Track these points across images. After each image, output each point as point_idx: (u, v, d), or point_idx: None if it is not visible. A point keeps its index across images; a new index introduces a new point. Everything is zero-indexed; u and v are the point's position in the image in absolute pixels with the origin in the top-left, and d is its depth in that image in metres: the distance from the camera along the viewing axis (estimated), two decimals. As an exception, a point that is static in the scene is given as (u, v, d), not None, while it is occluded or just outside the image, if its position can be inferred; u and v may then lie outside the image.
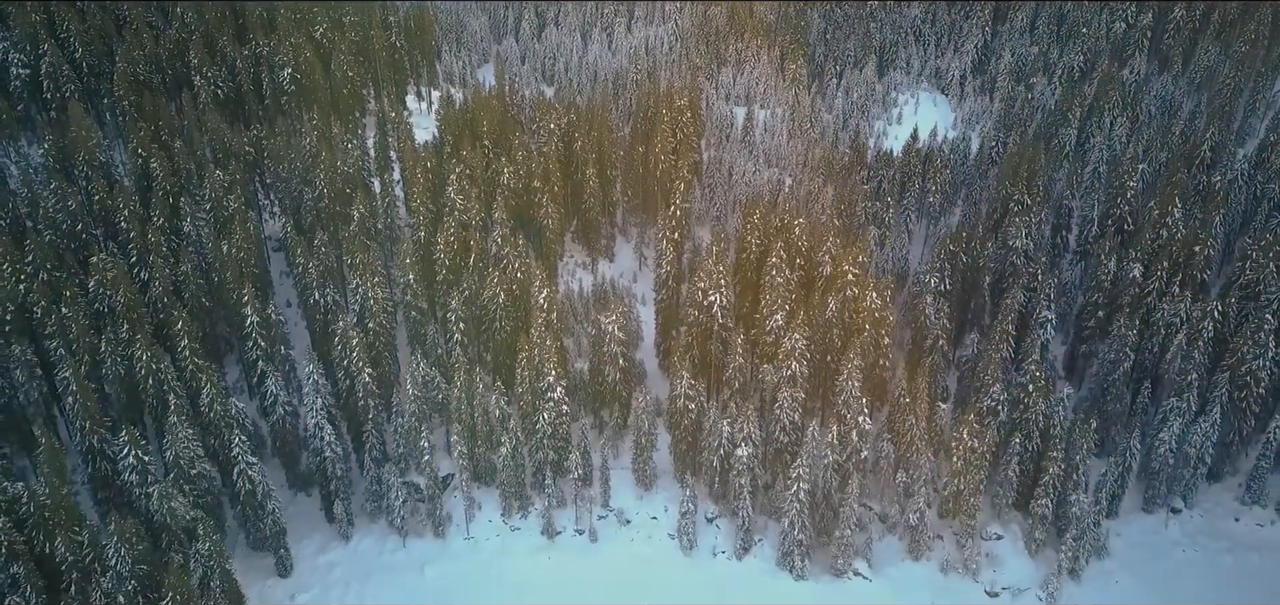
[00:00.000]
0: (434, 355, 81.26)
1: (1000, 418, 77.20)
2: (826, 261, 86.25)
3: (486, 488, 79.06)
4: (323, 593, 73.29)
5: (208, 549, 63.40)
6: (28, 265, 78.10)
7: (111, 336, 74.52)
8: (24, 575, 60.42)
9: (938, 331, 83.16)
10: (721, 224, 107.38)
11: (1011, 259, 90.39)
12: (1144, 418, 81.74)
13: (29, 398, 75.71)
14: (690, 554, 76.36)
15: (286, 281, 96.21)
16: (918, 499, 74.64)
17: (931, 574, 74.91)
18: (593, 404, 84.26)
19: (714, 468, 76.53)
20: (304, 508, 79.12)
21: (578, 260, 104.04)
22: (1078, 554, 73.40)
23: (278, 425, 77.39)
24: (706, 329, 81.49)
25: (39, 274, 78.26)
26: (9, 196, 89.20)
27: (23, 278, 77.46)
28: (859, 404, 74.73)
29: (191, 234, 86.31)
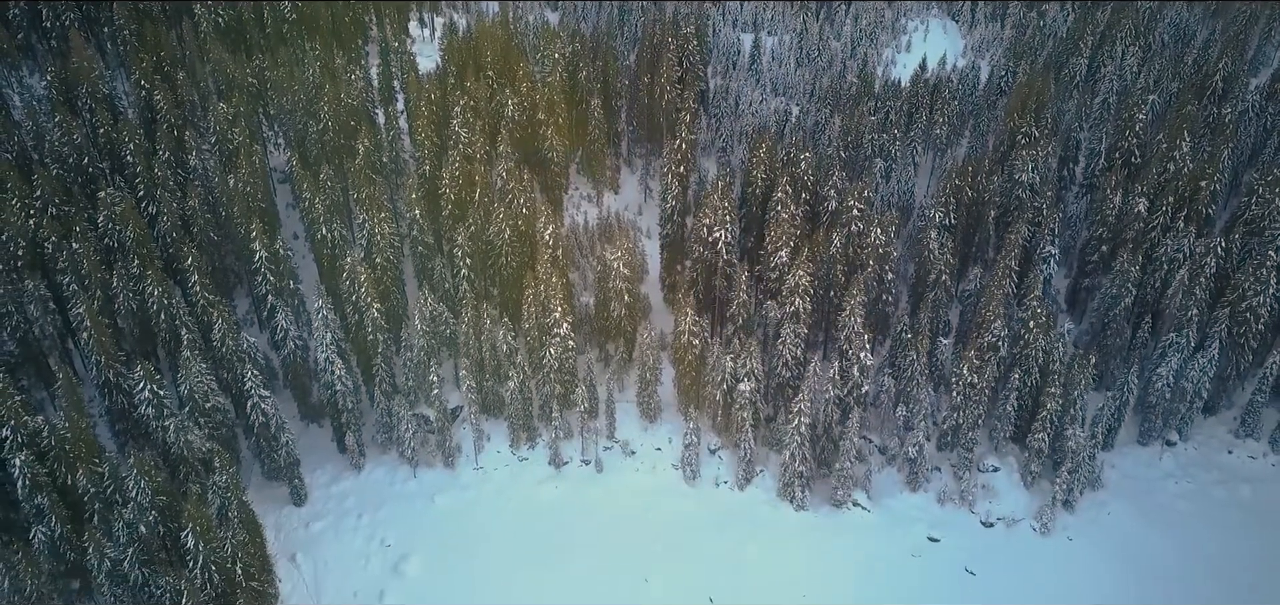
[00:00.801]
0: (441, 290, 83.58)
1: (1000, 353, 79.44)
2: (832, 196, 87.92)
3: (495, 419, 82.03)
4: (336, 521, 76.69)
5: (225, 481, 66.39)
6: (36, 200, 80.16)
7: (123, 271, 76.77)
8: (48, 506, 63.62)
9: (941, 267, 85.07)
10: (727, 155, 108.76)
11: (1017, 193, 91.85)
12: (1143, 352, 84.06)
13: (44, 332, 78.45)
14: (693, 484, 79.53)
15: (293, 214, 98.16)
16: (917, 432, 77.43)
17: (928, 505, 78.06)
18: (598, 338, 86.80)
19: (717, 402, 79.26)
20: (316, 438, 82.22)
21: (583, 192, 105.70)
22: (1072, 486, 76.44)
23: (289, 359, 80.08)
24: (711, 265, 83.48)
25: (47, 209, 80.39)
26: (14, 128, 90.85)
27: (32, 212, 79.61)
28: (861, 340, 77.02)
29: (198, 168, 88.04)
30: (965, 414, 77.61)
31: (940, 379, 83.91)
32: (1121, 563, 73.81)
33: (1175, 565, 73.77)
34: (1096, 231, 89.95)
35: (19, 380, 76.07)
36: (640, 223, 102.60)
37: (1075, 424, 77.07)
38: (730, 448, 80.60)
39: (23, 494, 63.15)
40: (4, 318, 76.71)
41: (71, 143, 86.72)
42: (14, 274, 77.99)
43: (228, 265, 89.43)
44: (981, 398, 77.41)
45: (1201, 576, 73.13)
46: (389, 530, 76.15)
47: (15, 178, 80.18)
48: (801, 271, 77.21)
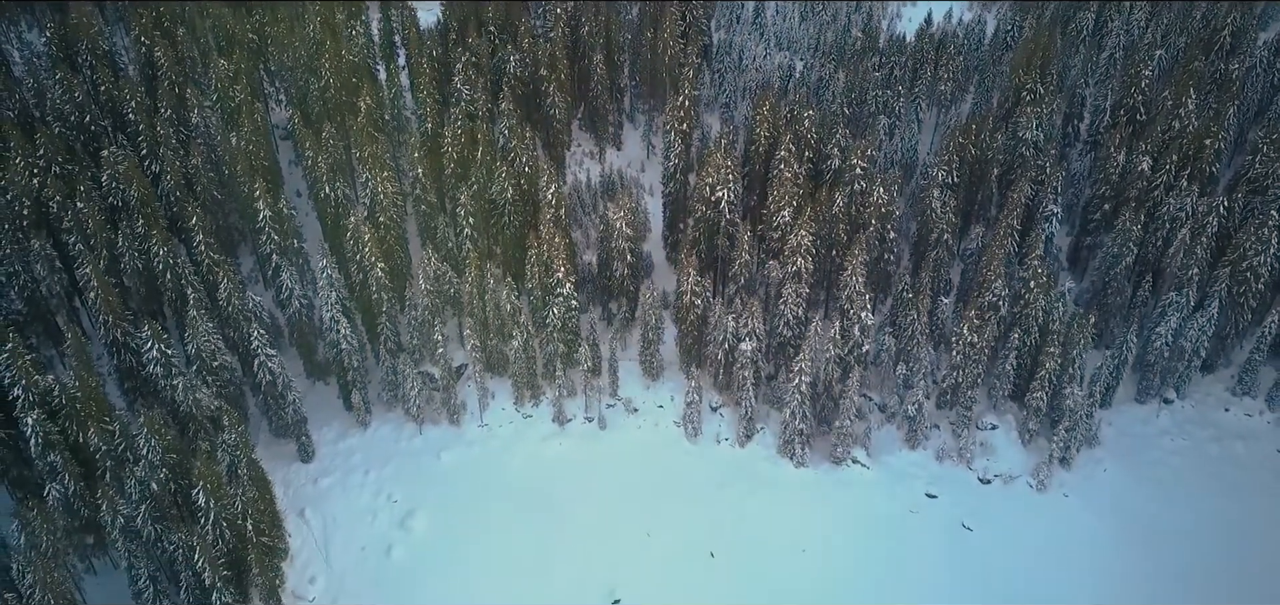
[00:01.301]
0: (444, 249, 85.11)
1: (1001, 313, 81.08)
2: (835, 154, 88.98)
3: (499, 378, 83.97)
4: (344, 477, 78.94)
5: (234, 439, 68.41)
6: (39, 158, 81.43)
7: (127, 231, 78.31)
8: (61, 464, 65.74)
9: (943, 226, 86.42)
10: (731, 110, 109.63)
11: (1021, 151, 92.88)
12: (1143, 311, 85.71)
13: (50, 291, 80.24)
14: (695, 441, 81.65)
15: (295, 171, 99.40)
16: (917, 391, 79.34)
17: (927, 462, 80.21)
18: (601, 297, 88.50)
19: (719, 361, 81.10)
20: (322, 396, 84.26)
21: (585, 149, 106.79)
22: (1069, 444, 78.48)
23: (294, 318, 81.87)
24: (714, 224, 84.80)
25: (51, 167, 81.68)
26: (14, 85, 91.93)
27: (36, 171, 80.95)
28: (862, 299, 78.56)
29: (200, 126, 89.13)
30: (965, 373, 79.44)
31: (941, 338, 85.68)
32: (1116, 519, 76.12)
33: (1169, 521, 76.03)
34: (1099, 190, 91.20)
35: (27, 339, 77.75)
36: (643, 179, 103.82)
37: (1074, 383, 78.97)
38: (731, 406, 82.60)
39: (36, 452, 65.18)
40: (11, 277, 78.46)
41: (73, 100, 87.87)
42: (19, 233, 79.57)
43: (232, 223, 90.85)
44: (981, 357, 79.18)
45: (1195, 532, 75.40)
46: (395, 486, 78.42)
47: (18, 136, 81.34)
48: (804, 231, 78.55)
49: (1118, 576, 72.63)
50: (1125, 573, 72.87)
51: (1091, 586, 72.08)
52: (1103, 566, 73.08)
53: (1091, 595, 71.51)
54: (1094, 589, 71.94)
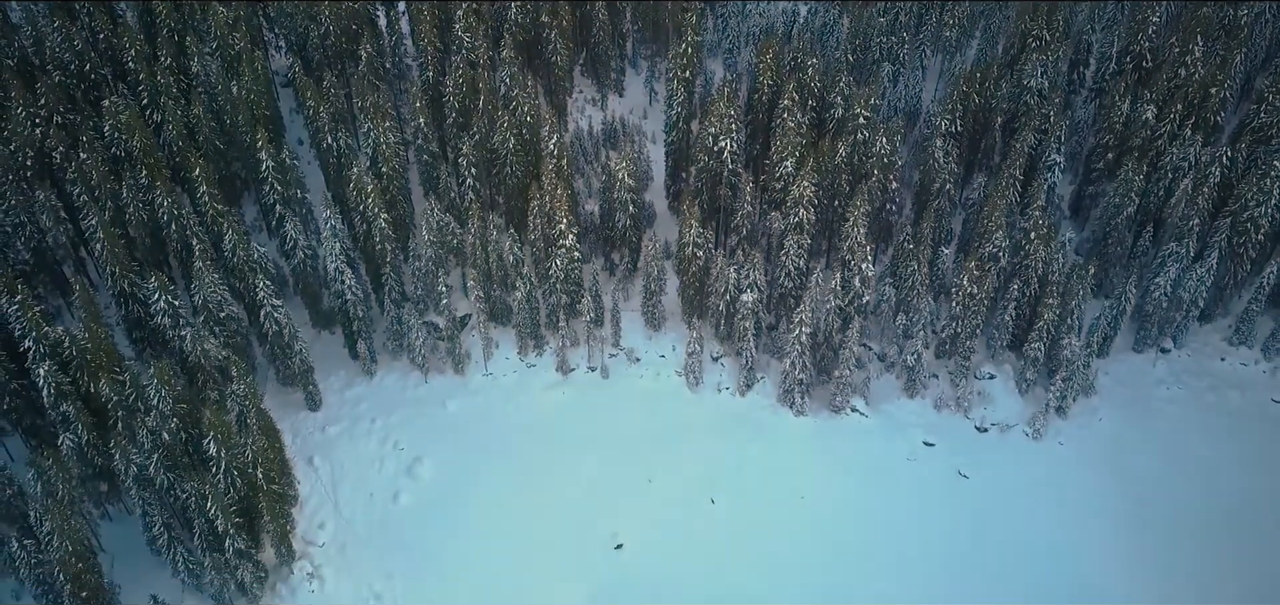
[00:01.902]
0: (447, 199, 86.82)
1: (1001, 264, 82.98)
2: (839, 103, 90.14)
3: (503, 328, 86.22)
4: (351, 425, 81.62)
5: (242, 390, 70.75)
6: (41, 108, 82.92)
7: (131, 182, 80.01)
8: (74, 414, 68.17)
9: (945, 175, 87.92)
10: (734, 57, 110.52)
11: (1025, 99, 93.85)
12: (1143, 261, 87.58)
13: (56, 241, 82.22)
14: (696, 390, 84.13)
15: (297, 119, 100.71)
16: (916, 341, 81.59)
17: (925, 410, 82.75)
18: (603, 247, 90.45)
19: (720, 312, 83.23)
20: (328, 345, 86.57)
21: (587, 96, 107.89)
22: (1065, 393, 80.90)
23: (299, 268, 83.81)
24: (716, 174, 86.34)
25: (52, 117, 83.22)
26: (13, 33, 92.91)
27: (38, 121, 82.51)
28: (863, 251, 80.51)
29: (200, 74, 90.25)
30: (964, 323, 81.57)
31: (941, 288, 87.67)
32: (1110, 466, 78.87)
33: (1162, 469, 78.78)
34: (1103, 139, 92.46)
35: (35, 289, 79.94)
36: (645, 127, 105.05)
37: (1072, 333, 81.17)
38: (732, 356, 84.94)
39: (49, 402, 67.52)
40: (17, 227, 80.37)
41: (72, 48, 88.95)
42: (24, 184, 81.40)
43: (234, 172, 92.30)
44: (980, 308, 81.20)
45: (1187, 479, 78.24)
46: (402, 434, 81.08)
47: (19, 85, 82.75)
48: (806, 182, 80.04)
49: (1111, 522, 75.57)
50: (1118, 519, 75.82)
51: (1085, 532, 74.98)
52: (1096, 513, 75.95)
53: (1085, 541, 74.39)
54: (1087, 535, 74.83)
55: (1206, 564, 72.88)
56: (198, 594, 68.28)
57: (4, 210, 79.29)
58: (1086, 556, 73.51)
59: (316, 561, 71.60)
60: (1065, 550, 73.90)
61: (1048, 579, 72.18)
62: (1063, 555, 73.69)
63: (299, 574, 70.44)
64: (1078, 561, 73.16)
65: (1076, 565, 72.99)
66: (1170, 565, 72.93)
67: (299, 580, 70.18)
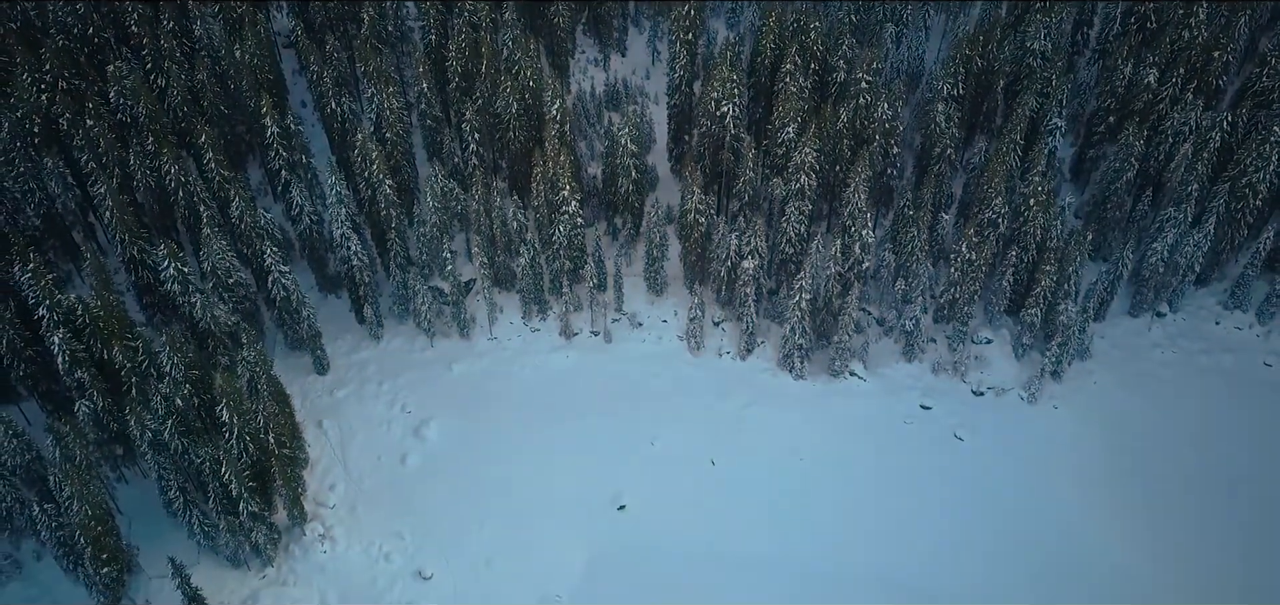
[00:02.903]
0: (451, 164, 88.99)
1: (1000, 230, 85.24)
2: (841, 66, 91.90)
3: (507, 292, 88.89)
4: (359, 388, 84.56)
5: (252, 356, 73.52)
6: (46, 74, 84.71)
7: (138, 148, 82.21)
8: (89, 380, 71.02)
9: (947, 140, 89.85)
10: (737, 15, 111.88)
11: (1028, 61, 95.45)
12: (1141, 225, 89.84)
13: (66, 207, 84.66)
14: (697, 354, 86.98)
15: (299, 81, 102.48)
16: (915, 306, 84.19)
17: (922, 374, 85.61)
18: (606, 211, 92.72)
19: (721, 278, 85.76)
20: (335, 309, 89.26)
21: (589, 56, 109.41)
22: (1061, 357, 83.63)
23: (305, 233, 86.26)
24: (718, 139, 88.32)
25: (58, 82, 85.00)
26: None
27: (43, 87, 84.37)
28: (864, 217, 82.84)
29: (203, 37, 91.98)
30: (962, 289, 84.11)
31: (940, 253, 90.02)
32: (1103, 429, 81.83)
33: (1155, 431, 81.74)
34: (1105, 102, 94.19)
35: (46, 255, 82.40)
36: (648, 87, 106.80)
37: (1068, 299, 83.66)
38: (733, 320, 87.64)
39: (63, 369, 70.34)
40: (27, 194, 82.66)
41: (75, 12, 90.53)
42: (31, 150, 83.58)
43: (238, 134, 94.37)
44: (979, 273, 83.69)
45: (1180, 441, 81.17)
46: (409, 397, 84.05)
47: (23, 50, 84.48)
48: (808, 148, 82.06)
49: (1104, 484, 78.52)
50: (1112, 480, 78.78)
51: (1078, 493, 77.99)
52: (1089, 474, 78.93)
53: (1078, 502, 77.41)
54: (1080, 496, 77.80)
55: (1199, 524, 75.99)
56: (213, 555, 71.55)
57: (13, 177, 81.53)
58: (1079, 517, 76.46)
59: (328, 522, 74.78)
60: (1058, 511, 76.89)
61: (1041, 539, 75.21)
62: (1056, 516, 76.66)
63: (311, 535, 73.66)
64: (1071, 522, 76.14)
65: (1069, 525, 75.95)
66: (1162, 525, 75.86)
67: (311, 541, 73.43)
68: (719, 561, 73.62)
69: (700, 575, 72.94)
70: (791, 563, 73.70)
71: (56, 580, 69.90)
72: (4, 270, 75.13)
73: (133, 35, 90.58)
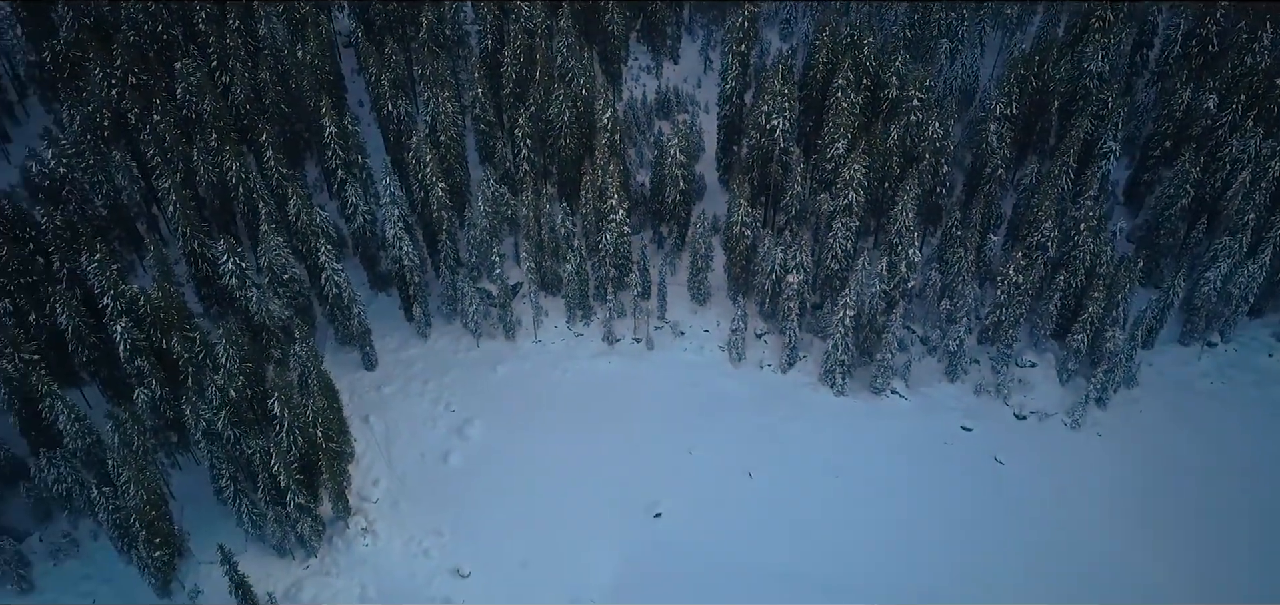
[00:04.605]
0: (502, 168, 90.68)
1: (1048, 253, 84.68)
2: (894, 82, 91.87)
3: (552, 297, 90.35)
4: (405, 385, 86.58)
5: (304, 352, 75.82)
6: (117, 69, 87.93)
7: (201, 145, 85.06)
8: (148, 369, 73.85)
9: (998, 161, 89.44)
10: (791, 26, 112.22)
11: (1084, 82, 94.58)
12: (1195, 253, 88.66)
13: (130, 199, 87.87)
14: (738, 366, 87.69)
15: (358, 80, 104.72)
16: (959, 326, 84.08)
17: (964, 395, 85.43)
18: (653, 220, 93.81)
19: (765, 290, 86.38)
20: (384, 307, 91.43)
21: (642, 63, 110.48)
22: (1107, 384, 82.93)
23: (358, 232, 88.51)
24: (767, 151, 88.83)
25: (128, 78, 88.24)
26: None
27: (113, 81, 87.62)
28: (912, 235, 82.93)
29: (267, 36, 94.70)
30: (1008, 311, 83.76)
31: (987, 274, 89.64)
32: (1148, 459, 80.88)
33: (1201, 463, 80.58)
34: (1162, 125, 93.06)
35: (111, 245, 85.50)
36: (698, 96, 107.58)
37: (1116, 326, 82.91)
38: (775, 333, 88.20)
39: (124, 357, 73.29)
40: (95, 185, 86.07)
41: (146, 9, 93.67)
42: (101, 143, 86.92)
43: (297, 132, 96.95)
44: (1025, 296, 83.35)
45: (1227, 475, 79.90)
46: (453, 395, 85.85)
47: (96, 45, 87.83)
48: (857, 164, 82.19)
49: (1146, 514, 77.49)
50: (1154, 511, 77.68)
51: (1119, 523, 77.12)
52: (1132, 504, 78.02)
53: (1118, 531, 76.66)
54: (1121, 525, 76.98)
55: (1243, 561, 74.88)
56: (260, 543, 73.95)
57: (83, 168, 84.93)
58: (1119, 547, 75.70)
59: (370, 516, 76.83)
60: (1098, 539, 76.25)
61: (1079, 566, 74.82)
62: (1095, 544, 76.05)
63: (354, 528, 75.74)
64: (1110, 551, 75.43)
65: (1108, 554, 75.30)
66: (1205, 560, 74.91)
67: (354, 534, 75.51)
68: (753, 574, 74.24)
69: (733, 586, 73.59)
70: (825, 579, 74.02)
71: (111, 561, 72.81)
72: (72, 259, 78.38)
73: (200, 33, 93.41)
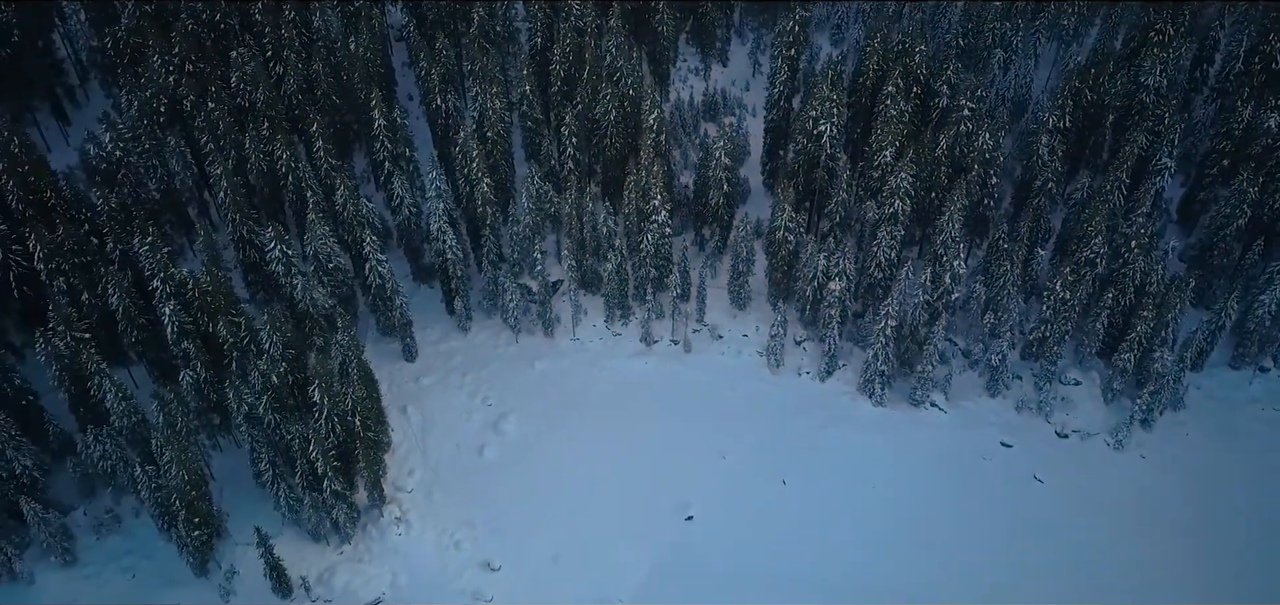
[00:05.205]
0: (547, 166, 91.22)
1: (1098, 269, 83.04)
2: (945, 91, 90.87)
3: (592, 295, 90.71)
4: (443, 377, 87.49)
5: (346, 341, 76.88)
6: (175, 56, 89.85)
7: (253, 133, 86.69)
8: (194, 352, 75.43)
9: (1049, 174, 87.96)
10: (842, 32, 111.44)
11: (1141, 96, 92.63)
12: (1249, 275, 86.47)
13: (183, 184, 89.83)
14: (776, 372, 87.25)
15: (408, 73, 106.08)
16: (1002, 341, 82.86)
17: (1005, 410, 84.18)
18: (695, 222, 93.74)
19: (806, 297, 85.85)
20: (426, 299, 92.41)
21: (691, 65, 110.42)
22: (1153, 406, 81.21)
23: (403, 224, 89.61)
24: (814, 157, 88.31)
25: (185, 65, 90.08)
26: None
27: (171, 68, 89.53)
28: (957, 247, 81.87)
29: (320, 29, 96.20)
30: (1053, 327, 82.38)
31: (1033, 289, 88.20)
32: (1192, 483, 79.28)
33: (1248, 490, 78.89)
34: (1220, 143, 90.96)
35: (162, 228, 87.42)
36: (746, 99, 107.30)
37: (1165, 347, 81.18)
38: (815, 340, 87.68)
39: (171, 339, 74.94)
40: (149, 169, 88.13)
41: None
42: (157, 128, 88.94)
43: (347, 123, 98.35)
44: (1072, 313, 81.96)
45: (1274, 503, 78.12)
46: (490, 389, 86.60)
47: (156, 32, 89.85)
48: (904, 173, 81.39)
49: (1186, 539, 75.96)
50: (1194, 536, 76.16)
51: (1159, 547, 75.56)
52: (1171, 528, 76.46)
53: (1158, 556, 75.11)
54: (1161, 550, 75.45)
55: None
56: (296, 528, 75.19)
57: (138, 152, 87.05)
58: (1158, 572, 74.26)
59: (404, 506, 77.73)
60: (1139, 562, 74.84)
61: (1118, 589, 73.53)
62: (1136, 567, 74.64)
63: (387, 516, 76.70)
64: (1148, 576, 74.04)
65: (1146, 580, 73.90)
66: (1248, 588, 73.43)
67: (387, 523, 76.46)
68: (782, 581, 74.00)
69: (763, 593, 73.56)
70: (856, 589, 73.51)
71: (151, 538, 74.47)
72: (125, 241, 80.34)
73: (256, 23, 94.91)
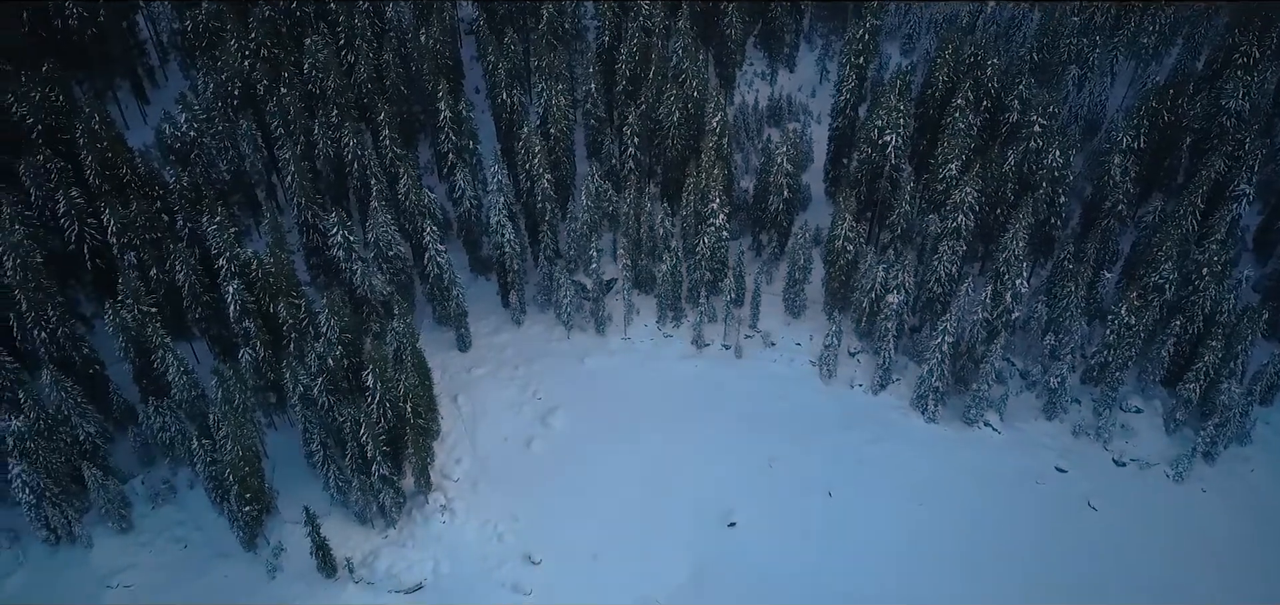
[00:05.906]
0: (608, 165, 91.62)
1: (1166, 296, 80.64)
2: (1015, 105, 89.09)
3: (645, 295, 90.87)
4: (495, 369, 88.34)
5: (402, 328, 78.12)
6: (251, 41, 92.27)
7: (323, 120, 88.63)
8: (254, 330, 77.38)
9: (1120, 196, 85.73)
10: (913, 42, 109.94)
11: (1221, 120, 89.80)
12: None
13: (253, 167, 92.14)
14: (828, 383, 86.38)
15: (475, 69, 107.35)
16: (1063, 363, 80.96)
17: (1062, 434, 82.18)
18: (753, 226, 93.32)
19: (863, 308, 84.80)
20: (482, 290, 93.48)
21: (757, 69, 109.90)
22: (1217, 439, 78.62)
23: (463, 216, 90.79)
24: (877, 167, 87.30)
25: (260, 51, 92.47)
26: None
27: (247, 53, 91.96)
28: (1020, 265, 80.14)
29: (393, 19, 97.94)
30: (1117, 352, 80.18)
31: (1097, 312, 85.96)
32: (1254, 521, 76.64)
33: (1315, 533, 76.03)
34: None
35: (231, 209, 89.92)
36: (811, 105, 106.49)
37: (1233, 378, 78.54)
38: (869, 353, 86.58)
39: (233, 317, 77.00)
40: (221, 150, 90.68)
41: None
42: (230, 111, 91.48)
43: (413, 114, 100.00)
44: (1136, 339, 79.67)
45: (1343, 548, 75.23)
46: (541, 384, 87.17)
47: (234, 16, 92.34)
48: (969, 187, 79.83)
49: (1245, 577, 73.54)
50: (1254, 576, 73.67)
51: (1215, 584, 73.27)
52: (1230, 566, 74.02)
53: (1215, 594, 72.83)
54: (1220, 586, 73.12)
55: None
56: (343, 509, 76.54)
57: (211, 134, 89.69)
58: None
59: (449, 494, 78.61)
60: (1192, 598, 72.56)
61: (1168, 627, 71.65)
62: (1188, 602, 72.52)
63: (433, 504, 77.66)
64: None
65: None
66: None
67: (432, 510, 77.41)
68: (824, 594, 73.09)
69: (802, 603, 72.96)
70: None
71: (204, 510, 76.44)
72: (194, 219, 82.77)
73: (330, 12, 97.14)
